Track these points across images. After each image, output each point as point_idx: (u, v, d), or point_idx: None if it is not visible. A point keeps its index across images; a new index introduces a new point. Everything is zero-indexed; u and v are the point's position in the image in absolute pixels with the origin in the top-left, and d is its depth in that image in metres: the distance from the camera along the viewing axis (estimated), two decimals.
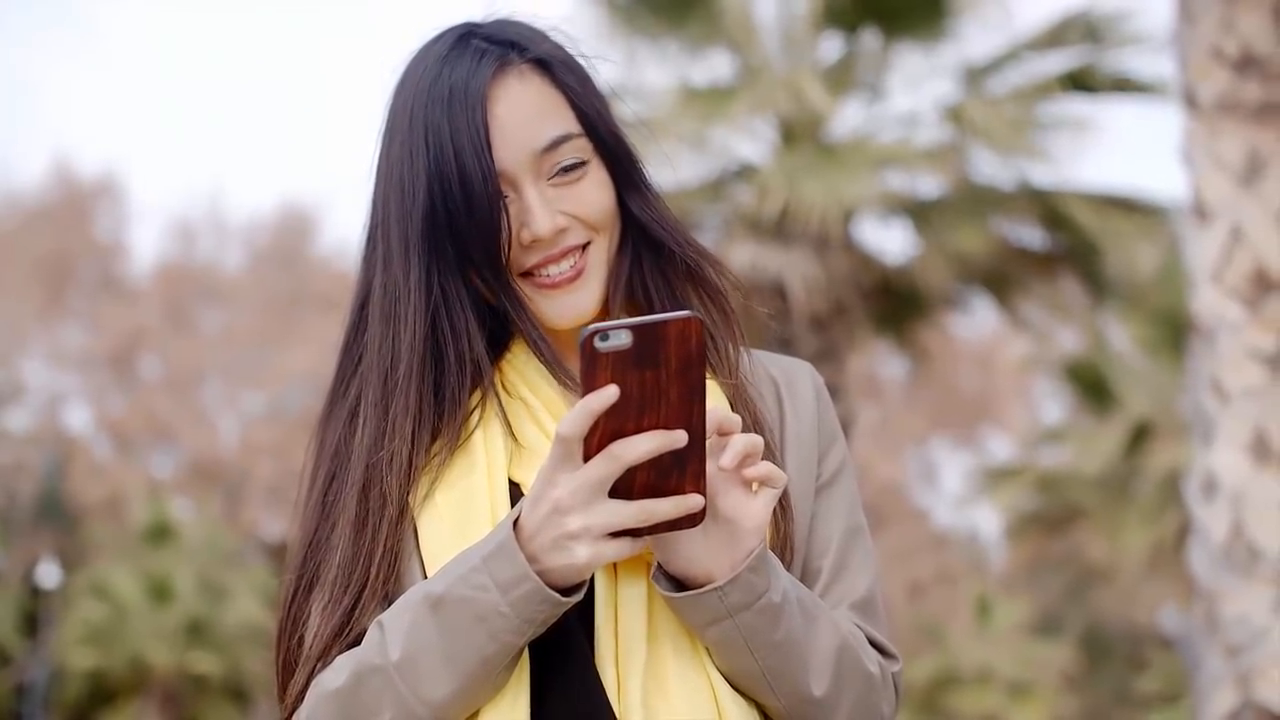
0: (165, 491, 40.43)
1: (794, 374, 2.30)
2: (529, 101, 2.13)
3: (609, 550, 1.90)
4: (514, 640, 1.94)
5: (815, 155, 14.16)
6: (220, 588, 35.12)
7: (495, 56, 2.13)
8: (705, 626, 1.99)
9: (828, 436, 2.27)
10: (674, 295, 2.21)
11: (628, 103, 10.54)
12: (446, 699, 1.96)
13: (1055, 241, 14.98)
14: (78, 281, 47.05)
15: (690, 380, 1.84)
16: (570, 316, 2.14)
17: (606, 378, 1.83)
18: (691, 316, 1.82)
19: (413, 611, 1.97)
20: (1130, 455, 22.16)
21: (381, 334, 2.15)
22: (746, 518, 1.96)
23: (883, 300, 15.42)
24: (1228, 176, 8.72)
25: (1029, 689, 35.09)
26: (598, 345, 1.82)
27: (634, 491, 1.88)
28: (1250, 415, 8.51)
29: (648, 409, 1.84)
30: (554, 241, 2.12)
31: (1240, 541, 8.42)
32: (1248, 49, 8.73)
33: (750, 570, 1.96)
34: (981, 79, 14.70)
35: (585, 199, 2.13)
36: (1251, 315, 8.59)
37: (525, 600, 1.91)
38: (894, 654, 2.20)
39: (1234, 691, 8.31)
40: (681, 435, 1.85)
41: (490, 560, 1.93)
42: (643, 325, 1.82)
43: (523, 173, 2.11)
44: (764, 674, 2.01)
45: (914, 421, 45.59)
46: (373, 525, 2.09)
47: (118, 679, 34.59)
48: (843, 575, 2.19)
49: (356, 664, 2.00)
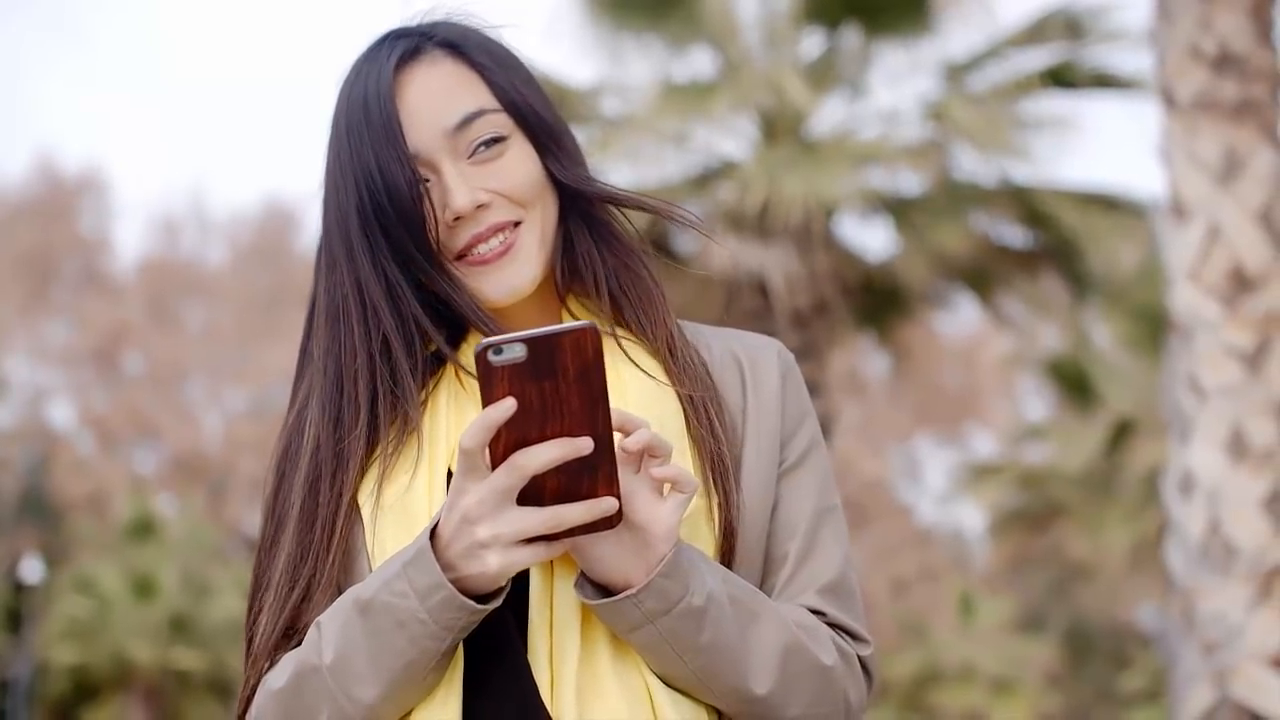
0: (148, 487, 40.49)
1: (758, 354, 2.27)
2: (437, 83, 2.13)
3: (521, 557, 1.90)
4: (434, 646, 1.94)
5: (796, 152, 14.16)
6: (203, 583, 35.15)
7: (404, 47, 2.15)
8: (628, 632, 1.98)
9: (794, 418, 2.23)
10: (608, 268, 2.21)
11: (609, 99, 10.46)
12: (375, 701, 1.97)
13: (1036, 239, 14.98)
14: (61, 277, 47.05)
15: (591, 387, 1.84)
16: (506, 291, 2.13)
17: (504, 390, 1.84)
18: (586, 327, 1.83)
19: (344, 614, 1.99)
20: (1112, 453, 22.19)
21: (328, 333, 2.17)
22: (655, 522, 1.95)
23: (864, 297, 15.42)
24: (1205, 175, 8.73)
25: (1012, 686, 35.18)
26: (492, 359, 1.83)
27: (546, 497, 1.89)
28: (1227, 413, 8.53)
29: (550, 418, 1.85)
30: (478, 218, 2.11)
31: (1217, 539, 8.43)
32: (1225, 47, 8.74)
33: (663, 576, 1.95)
34: (962, 76, 14.70)
35: (506, 174, 2.12)
36: (1229, 313, 8.60)
37: (441, 607, 1.92)
38: (864, 637, 2.18)
39: (1210, 688, 8.32)
40: (586, 442, 1.86)
41: (409, 567, 1.94)
42: (537, 337, 1.83)
43: (439, 154, 2.11)
44: (696, 676, 2.00)
45: (897, 418, 45.66)
46: (320, 521, 2.10)
47: (101, 674, 34.61)
48: (810, 559, 2.17)
49: (297, 664, 2.02)
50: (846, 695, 2.11)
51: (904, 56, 14.86)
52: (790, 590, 2.16)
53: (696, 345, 2.24)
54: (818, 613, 2.15)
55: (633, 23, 14.70)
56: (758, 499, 2.16)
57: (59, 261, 46.69)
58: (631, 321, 2.20)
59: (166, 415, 44.68)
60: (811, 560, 2.17)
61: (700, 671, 2.00)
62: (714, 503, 2.11)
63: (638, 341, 2.19)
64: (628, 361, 2.15)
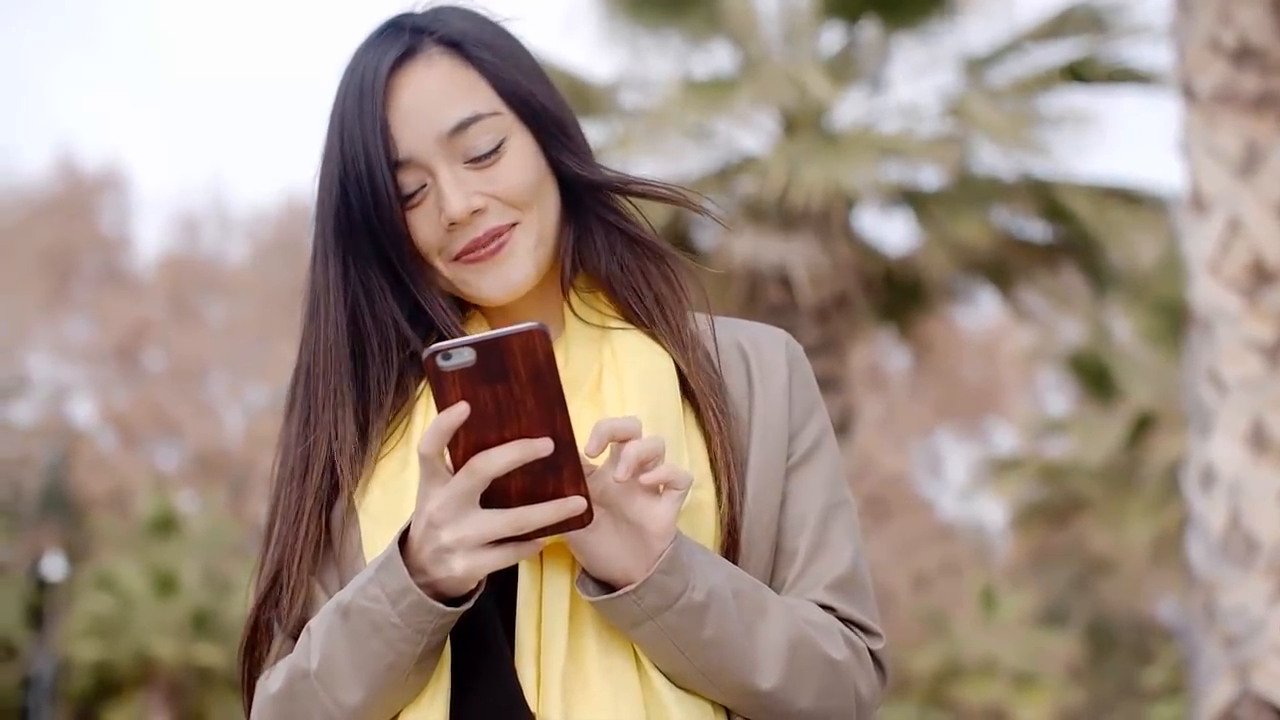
0: (170, 484, 40.50)
1: (765, 345, 2.24)
2: (434, 85, 2.10)
3: (489, 559, 1.89)
4: (410, 649, 1.95)
5: (817, 146, 14.17)
6: (225, 580, 35.16)
7: (403, 43, 2.12)
8: (629, 629, 1.98)
9: (802, 411, 2.21)
10: (617, 261, 2.19)
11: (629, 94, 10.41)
12: (360, 704, 1.99)
13: (1057, 233, 14.99)
14: (82, 274, 47.13)
15: (545, 389, 1.83)
16: (502, 289, 2.12)
17: (456, 394, 1.83)
18: (533, 329, 1.82)
19: (328, 619, 2.00)
20: (1133, 446, 22.18)
21: (309, 332, 2.20)
22: (652, 521, 1.95)
23: (885, 291, 15.43)
24: (1225, 168, 8.73)
25: (1034, 680, 35.13)
26: (440, 364, 1.82)
27: (513, 498, 1.88)
28: (1248, 406, 8.52)
29: (507, 420, 1.84)
30: (475, 224, 2.09)
31: (1238, 532, 8.43)
32: (1245, 40, 8.74)
33: (662, 572, 1.95)
34: (982, 70, 14.71)
35: (503, 178, 2.10)
36: (1249, 306, 8.59)
37: (411, 611, 1.92)
38: (876, 631, 2.16)
39: (1232, 682, 8.32)
40: (545, 443, 1.85)
41: (381, 571, 1.95)
42: (483, 341, 1.82)
43: (434, 158, 2.09)
44: (700, 672, 2.00)
45: (918, 413, 45.59)
46: (298, 515, 2.13)
47: (123, 671, 34.64)
48: (820, 554, 2.15)
49: (290, 669, 2.04)
50: (857, 689, 2.10)
51: (924, 50, 14.89)
52: (800, 586, 2.14)
53: (705, 337, 2.21)
54: (828, 608, 2.13)
55: (652, 18, 14.73)
56: (764, 494, 2.14)
57: (80, 259, 46.77)
58: (641, 314, 2.18)
59: (188, 412, 44.73)
60: (821, 555, 2.15)
61: (704, 667, 2.00)
62: (719, 498, 2.09)
63: (646, 334, 2.17)
64: (631, 355, 2.13)
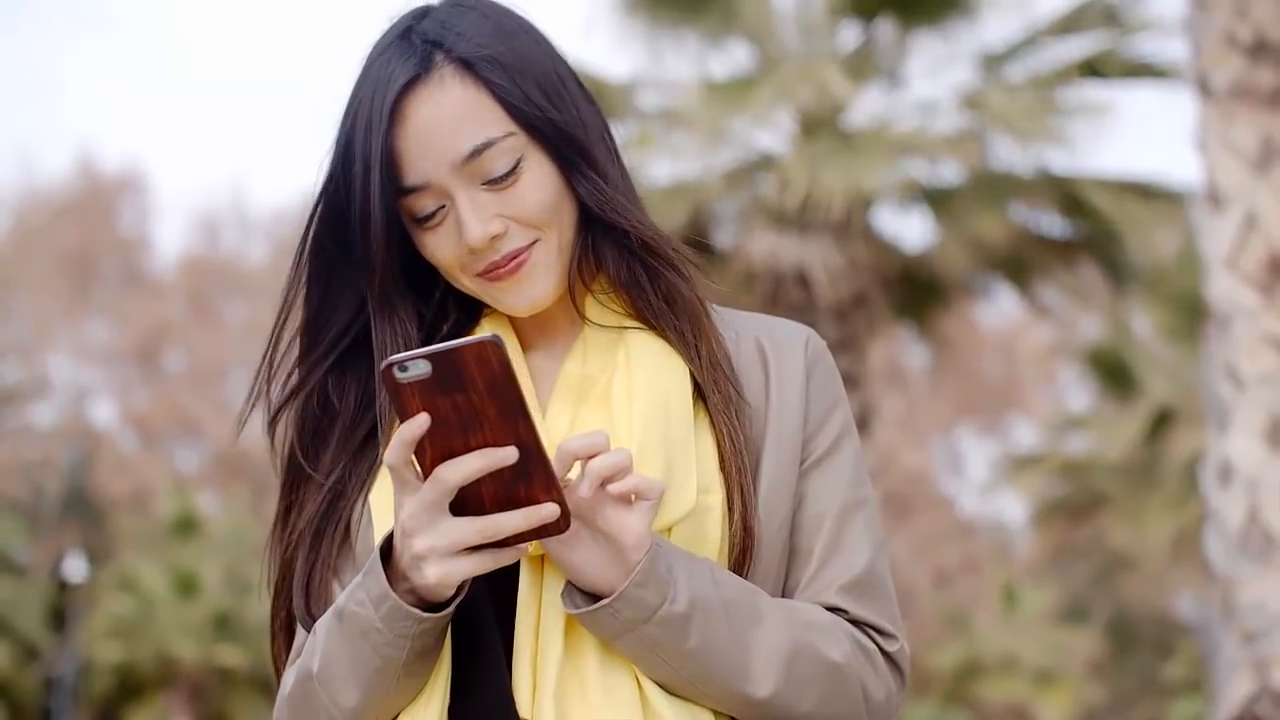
0: (191, 485, 40.57)
1: (784, 344, 2.21)
2: (445, 111, 2.06)
3: (462, 567, 1.90)
4: (395, 654, 1.96)
5: (835, 144, 14.16)
6: (246, 581, 35.17)
7: (416, 62, 2.07)
8: (612, 640, 1.97)
9: (820, 411, 2.17)
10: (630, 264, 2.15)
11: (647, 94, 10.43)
12: (357, 706, 2.01)
13: (1075, 228, 14.97)
14: (102, 276, 47.24)
15: (505, 398, 1.83)
16: (525, 304, 2.12)
17: (416, 406, 1.84)
18: (486, 340, 1.81)
19: (327, 622, 2.03)
20: (1152, 441, 22.15)
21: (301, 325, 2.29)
22: (625, 532, 1.94)
23: (903, 288, 15.42)
24: (1241, 163, 8.72)
25: (1055, 677, 35.09)
26: (397, 376, 1.83)
27: (487, 506, 1.89)
28: (1266, 401, 8.51)
29: (471, 429, 1.85)
30: (495, 247, 2.07)
31: (1256, 528, 8.42)
32: (1261, 35, 8.73)
33: (637, 585, 1.93)
34: (999, 65, 14.71)
35: (520, 200, 2.07)
36: (1266, 301, 8.59)
37: (391, 616, 1.94)
38: (892, 632, 2.11)
39: (1251, 677, 8.31)
40: (510, 452, 1.85)
41: (366, 576, 1.97)
42: (437, 353, 1.82)
43: (450, 184, 2.06)
44: (689, 681, 1.99)
45: (939, 410, 45.55)
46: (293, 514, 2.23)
47: (145, 673, 34.70)
48: (835, 556, 2.12)
49: (299, 671, 2.07)
50: (865, 691, 2.06)
51: (941, 47, 14.88)
52: (813, 588, 2.11)
53: (722, 335, 2.19)
54: (839, 610, 2.10)
55: (669, 18, 14.73)
56: (775, 497, 2.11)
57: (100, 261, 46.88)
58: (653, 316, 2.15)
59: (208, 413, 44.79)
60: (836, 557, 2.12)
61: (693, 677, 1.98)
62: (731, 501, 2.07)
63: (659, 336, 2.14)
64: (643, 357, 2.11)
